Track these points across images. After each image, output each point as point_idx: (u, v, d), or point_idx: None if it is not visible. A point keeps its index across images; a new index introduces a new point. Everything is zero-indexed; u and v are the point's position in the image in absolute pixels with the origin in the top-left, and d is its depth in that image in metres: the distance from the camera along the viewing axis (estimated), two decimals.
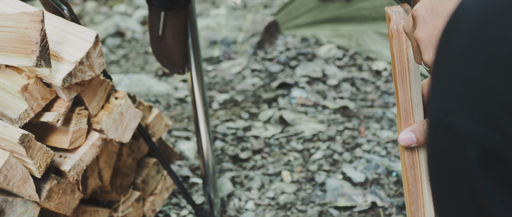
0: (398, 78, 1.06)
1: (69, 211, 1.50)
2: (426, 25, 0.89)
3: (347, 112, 2.62)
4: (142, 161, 1.86)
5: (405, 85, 1.06)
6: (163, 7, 1.73)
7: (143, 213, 1.83)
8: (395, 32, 1.04)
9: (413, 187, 1.10)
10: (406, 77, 1.06)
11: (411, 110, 1.07)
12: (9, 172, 1.32)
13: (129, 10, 4.15)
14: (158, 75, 3.13)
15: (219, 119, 2.63)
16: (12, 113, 1.37)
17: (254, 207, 2.08)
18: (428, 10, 0.90)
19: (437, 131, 0.63)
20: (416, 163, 1.09)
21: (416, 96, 1.07)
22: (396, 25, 1.03)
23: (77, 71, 1.39)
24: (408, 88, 1.06)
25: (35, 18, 1.30)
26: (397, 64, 1.05)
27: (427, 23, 0.89)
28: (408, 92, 1.06)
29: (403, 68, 1.05)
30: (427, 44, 0.89)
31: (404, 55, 1.05)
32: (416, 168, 1.09)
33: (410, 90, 1.06)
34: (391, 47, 1.05)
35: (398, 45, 1.04)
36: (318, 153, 2.33)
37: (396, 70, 1.06)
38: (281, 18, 3.51)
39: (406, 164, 1.09)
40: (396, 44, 1.04)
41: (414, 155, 1.09)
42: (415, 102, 1.07)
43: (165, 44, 1.79)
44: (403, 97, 1.06)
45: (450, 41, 0.62)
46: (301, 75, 2.96)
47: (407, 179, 1.10)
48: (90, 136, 1.51)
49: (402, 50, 1.04)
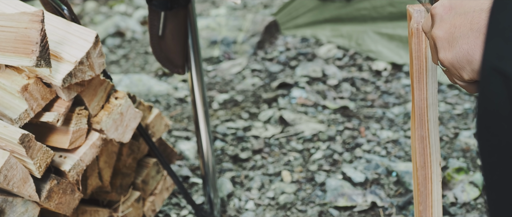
0: (415, 77, 1.06)
1: (69, 211, 1.50)
2: (443, 23, 0.89)
3: (347, 112, 2.62)
4: (142, 161, 1.86)
5: (422, 84, 1.06)
6: (163, 7, 1.73)
7: (143, 213, 1.83)
8: (415, 31, 1.04)
9: (422, 187, 1.10)
10: (423, 77, 1.06)
11: (426, 109, 1.07)
12: (9, 172, 1.32)
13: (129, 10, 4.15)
14: (158, 75, 3.13)
15: (219, 119, 2.63)
16: (12, 113, 1.37)
17: (254, 207, 2.08)
18: (447, 8, 0.89)
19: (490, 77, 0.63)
20: (427, 163, 1.09)
21: (431, 96, 1.07)
22: (417, 24, 1.04)
23: (77, 71, 1.39)
24: (425, 87, 1.06)
25: (35, 18, 1.30)
26: (415, 63, 1.05)
27: (444, 21, 0.89)
28: (424, 91, 1.06)
29: (421, 67, 1.06)
30: (443, 42, 0.88)
31: (422, 54, 1.05)
32: (427, 168, 1.09)
33: (426, 90, 1.07)
34: (410, 46, 1.05)
35: (417, 44, 1.04)
36: (318, 153, 2.33)
37: (413, 69, 1.06)
38: (281, 18, 3.51)
39: (417, 163, 1.09)
40: (416, 43, 1.04)
41: (426, 155, 1.09)
42: (431, 102, 1.07)
43: (165, 44, 1.79)
44: (419, 96, 1.07)
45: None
46: (301, 75, 2.96)
47: (417, 179, 1.10)
48: (90, 136, 1.51)
49: (421, 49, 1.04)
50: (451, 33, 0.87)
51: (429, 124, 1.08)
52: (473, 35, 0.84)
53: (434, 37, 0.90)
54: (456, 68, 0.87)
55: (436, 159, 1.09)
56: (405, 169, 2.15)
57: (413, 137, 1.09)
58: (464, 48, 0.85)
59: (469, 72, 0.86)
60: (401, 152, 2.30)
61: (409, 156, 2.29)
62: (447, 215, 1.99)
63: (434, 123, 1.09)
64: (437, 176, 1.10)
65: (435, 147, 1.09)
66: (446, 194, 2.06)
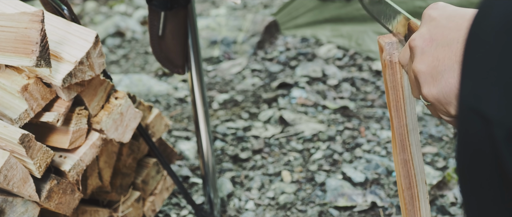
0: (392, 106, 1.04)
1: (69, 211, 1.50)
2: (425, 56, 0.84)
3: (347, 112, 2.62)
4: (142, 161, 1.86)
5: (400, 112, 1.05)
6: (163, 7, 1.73)
7: (143, 213, 1.83)
8: (388, 63, 1.01)
9: (410, 205, 1.10)
10: (401, 105, 1.04)
11: (406, 135, 1.06)
12: (9, 172, 1.32)
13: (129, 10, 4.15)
14: (158, 75, 3.13)
15: (219, 119, 2.63)
16: (12, 113, 1.37)
17: (254, 207, 2.08)
18: (427, 40, 0.84)
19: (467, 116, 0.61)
20: (412, 184, 1.09)
21: (411, 122, 1.05)
22: (390, 56, 1.01)
23: (77, 71, 1.39)
24: (403, 115, 1.05)
25: (35, 18, 1.30)
26: (391, 93, 1.04)
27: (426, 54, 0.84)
28: (403, 119, 1.05)
29: (398, 96, 1.04)
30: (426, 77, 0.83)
31: (398, 85, 1.03)
32: (413, 188, 1.09)
33: (405, 117, 1.05)
34: (384, 77, 1.03)
35: (392, 75, 1.02)
36: (318, 153, 2.33)
37: (390, 99, 1.04)
38: (281, 18, 3.51)
39: (402, 185, 1.09)
40: (390, 74, 1.02)
41: (411, 176, 1.09)
42: (411, 127, 1.06)
43: (165, 44, 1.79)
44: (398, 124, 1.05)
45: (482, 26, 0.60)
46: (301, 75, 2.96)
47: (404, 199, 1.10)
48: (90, 136, 1.51)
49: (396, 80, 1.02)
50: (434, 66, 0.82)
51: (411, 148, 1.07)
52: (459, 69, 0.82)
53: (416, 72, 0.85)
54: (442, 103, 0.83)
55: (421, 179, 1.09)
56: None
57: (396, 161, 1.08)
58: (450, 83, 0.80)
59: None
60: None
61: None
62: (447, 215, 1.99)
63: (416, 146, 1.07)
64: (423, 194, 1.10)
65: (419, 167, 1.09)
66: (446, 194, 2.06)
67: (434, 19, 0.86)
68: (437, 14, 0.86)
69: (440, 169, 2.19)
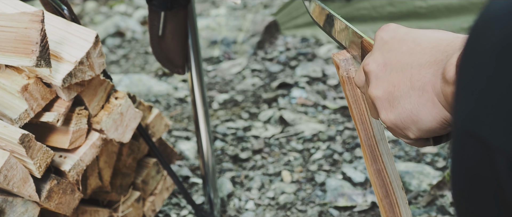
0: (357, 120, 1.04)
1: (69, 211, 1.50)
2: (380, 81, 0.83)
3: (347, 112, 2.62)
4: (142, 161, 1.86)
5: (366, 125, 1.05)
6: (163, 7, 1.73)
7: (143, 213, 1.83)
8: (346, 79, 1.01)
9: (390, 212, 1.10)
10: (366, 118, 1.04)
11: (376, 146, 1.06)
12: (9, 172, 1.32)
13: (129, 10, 4.15)
14: (158, 75, 3.13)
15: (219, 119, 2.63)
16: (12, 113, 1.37)
17: (254, 207, 2.08)
18: (381, 65, 0.83)
19: (463, 140, 0.60)
20: (389, 191, 1.09)
21: (378, 133, 1.06)
22: (346, 72, 1.01)
23: (77, 71, 1.39)
24: (370, 127, 1.05)
25: (35, 18, 1.30)
26: (354, 107, 1.04)
27: (380, 80, 0.83)
28: (370, 130, 1.05)
29: (361, 110, 1.04)
30: (383, 102, 0.83)
31: (359, 99, 1.03)
32: (391, 196, 1.09)
33: (371, 129, 1.05)
34: (345, 93, 1.03)
35: (351, 90, 1.02)
36: (318, 153, 2.33)
37: (354, 113, 1.04)
38: (281, 18, 3.51)
39: (380, 194, 1.09)
40: (350, 89, 1.02)
41: (387, 184, 1.09)
42: (379, 138, 1.06)
43: (165, 44, 1.79)
44: (365, 136, 1.06)
45: (480, 47, 0.58)
46: (301, 75, 2.96)
47: (384, 207, 1.10)
48: (90, 136, 1.52)
49: (357, 94, 1.02)
50: (390, 92, 0.82)
51: (382, 157, 1.07)
52: (415, 94, 0.79)
53: (372, 97, 0.85)
54: (400, 128, 0.82)
55: (398, 185, 1.09)
56: (405, 169, 2.15)
57: (370, 172, 1.08)
58: (407, 108, 0.80)
59: (415, 131, 0.81)
60: (401, 152, 2.30)
61: (409, 155, 2.29)
62: (447, 215, 1.99)
63: (387, 155, 1.07)
64: (402, 199, 1.10)
65: (393, 175, 1.09)
66: (446, 194, 2.06)
67: (386, 43, 0.85)
68: (389, 37, 0.85)
69: (440, 169, 2.19)
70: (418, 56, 0.80)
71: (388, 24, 0.88)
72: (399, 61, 0.82)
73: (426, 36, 0.82)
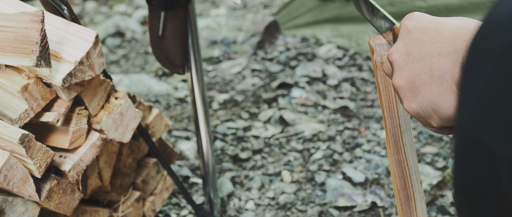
0: (385, 107, 1.04)
1: (69, 211, 1.50)
2: (402, 71, 0.84)
3: (347, 112, 2.62)
4: (142, 161, 1.86)
5: (393, 113, 1.05)
6: (163, 7, 1.73)
7: (143, 213, 1.83)
8: (380, 64, 1.02)
9: (406, 206, 1.10)
10: (394, 106, 1.04)
11: (400, 136, 1.06)
12: (9, 172, 1.32)
13: (129, 10, 4.15)
14: (158, 75, 3.13)
15: (219, 119, 2.63)
16: (12, 113, 1.37)
17: (254, 207, 2.08)
18: (403, 55, 0.85)
19: (466, 147, 0.59)
20: (408, 184, 1.09)
21: (404, 123, 1.06)
22: (380, 58, 1.01)
23: (77, 71, 1.39)
24: (396, 116, 1.05)
25: (35, 18, 1.30)
26: (383, 94, 1.04)
27: (403, 69, 0.84)
28: (396, 119, 1.05)
29: (390, 97, 1.04)
30: (406, 92, 0.84)
31: (389, 85, 1.03)
32: (409, 189, 1.09)
33: (398, 117, 1.05)
34: (376, 78, 1.03)
35: (383, 75, 1.02)
36: (318, 153, 2.33)
37: (382, 100, 1.04)
38: (281, 18, 3.51)
39: (398, 185, 1.09)
40: (382, 75, 1.02)
41: (406, 177, 1.09)
42: (404, 128, 1.06)
43: (165, 44, 1.79)
44: (391, 125, 1.06)
45: (484, 52, 0.57)
46: (301, 75, 2.96)
47: (400, 199, 1.10)
48: (90, 136, 1.52)
49: (388, 81, 1.02)
50: (411, 81, 0.83)
51: (405, 148, 1.07)
52: (435, 83, 0.80)
53: (395, 87, 0.86)
54: (422, 117, 0.83)
55: (416, 179, 1.09)
56: None
57: (391, 162, 1.08)
58: (427, 98, 0.81)
59: (437, 120, 0.82)
60: None
61: None
62: (447, 215, 1.99)
63: (410, 146, 1.07)
64: (419, 194, 1.10)
65: (414, 168, 1.09)
66: (446, 194, 2.06)
67: (409, 32, 0.86)
68: (413, 26, 0.86)
69: (440, 169, 2.19)
70: (438, 46, 0.80)
71: (413, 13, 0.89)
72: (421, 50, 0.83)
73: (447, 24, 0.82)
